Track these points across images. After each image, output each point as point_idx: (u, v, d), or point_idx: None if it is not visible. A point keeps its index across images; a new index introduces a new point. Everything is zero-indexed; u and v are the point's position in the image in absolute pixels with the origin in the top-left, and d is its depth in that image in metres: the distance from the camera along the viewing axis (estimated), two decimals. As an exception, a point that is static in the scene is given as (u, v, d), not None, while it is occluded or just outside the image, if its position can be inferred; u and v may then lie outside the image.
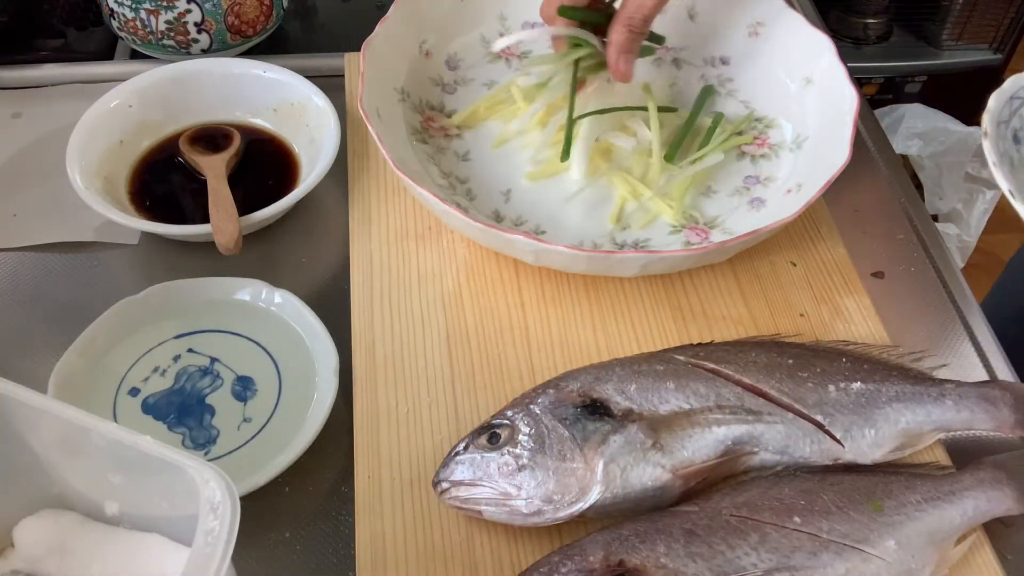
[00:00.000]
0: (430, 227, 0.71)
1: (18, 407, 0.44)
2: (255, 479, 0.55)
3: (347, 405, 0.61)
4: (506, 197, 0.72)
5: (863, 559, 0.50)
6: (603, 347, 0.64)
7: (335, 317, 0.64)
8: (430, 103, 0.77)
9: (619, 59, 0.68)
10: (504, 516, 0.53)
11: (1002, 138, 0.67)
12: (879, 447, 0.56)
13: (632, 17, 0.67)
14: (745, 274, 0.69)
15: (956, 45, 1.64)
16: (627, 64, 0.69)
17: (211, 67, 0.79)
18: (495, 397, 0.60)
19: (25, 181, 0.77)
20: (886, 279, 0.71)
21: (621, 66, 0.69)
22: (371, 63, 0.71)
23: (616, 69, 0.69)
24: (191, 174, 0.75)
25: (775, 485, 0.53)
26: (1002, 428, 0.57)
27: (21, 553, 0.48)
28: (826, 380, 0.57)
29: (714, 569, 0.48)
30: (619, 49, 0.68)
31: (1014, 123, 0.68)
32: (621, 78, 0.70)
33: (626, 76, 0.69)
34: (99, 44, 0.91)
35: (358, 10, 1.01)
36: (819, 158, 0.70)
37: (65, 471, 0.48)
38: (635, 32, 0.68)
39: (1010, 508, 0.54)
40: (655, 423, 0.54)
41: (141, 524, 0.48)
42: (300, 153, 0.77)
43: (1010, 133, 0.67)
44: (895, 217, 0.76)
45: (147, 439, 0.42)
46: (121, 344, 0.63)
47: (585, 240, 0.69)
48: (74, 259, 0.72)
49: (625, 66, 0.69)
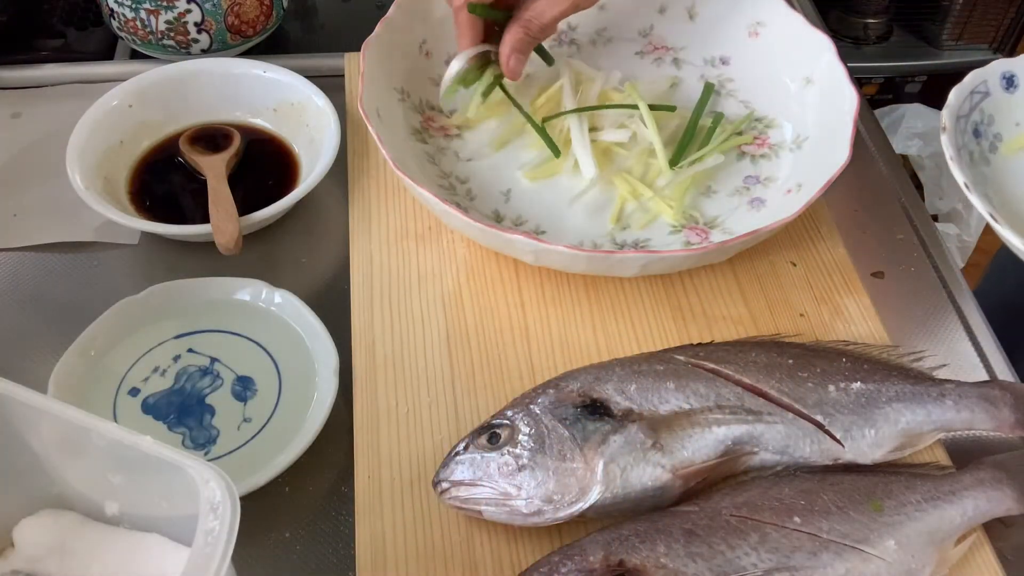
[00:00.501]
0: (430, 227, 0.71)
1: (18, 407, 0.44)
2: (255, 479, 0.55)
3: (347, 405, 0.61)
4: (506, 197, 0.72)
5: (863, 559, 0.50)
6: (603, 347, 0.64)
7: (335, 317, 0.64)
8: (430, 103, 0.77)
9: (511, 57, 0.70)
10: (504, 516, 0.53)
11: (961, 132, 0.68)
12: (879, 447, 0.56)
13: (531, 20, 0.70)
14: (745, 274, 0.69)
15: (956, 45, 1.64)
16: (517, 63, 0.71)
17: (211, 67, 0.79)
18: (495, 397, 0.60)
19: (25, 181, 0.77)
20: (886, 279, 0.71)
21: (511, 64, 0.71)
22: (371, 63, 0.71)
23: (507, 67, 0.71)
24: (191, 174, 0.75)
25: (775, 485, 0.53)
26: (1002, 428, 0.57)
27: (21, 553, 0.48)
28: (826, 380, 0.57)
29: (714, 569, 0.48)
30: (512, 48, 0.70)
31: (974, 117, 0.69)
32: (511, 76, 0.72)
33: (515, 74, 0.71)
34: (99, 44, 0.91)
35: (358, 10, 1.01)
36: (819, 158, 0.70)
37: (65, 471, 0.48)
38: (530, 35, 0.70)
39: (1010, 508, 0.54)
40: (655, 423, 0.54)
41: (141, 524, 0.48)
42: (300, 153, 0.77)
43: (970, 127, 0.68)
44: (895, 217, 0.76)
45: (147, 439, 0.42)
46: (121, 344, 0.63)
47: (585, 240, 0.69)
48: (74, 259, 0.72)
49: (515, 65, 0.71)
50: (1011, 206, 0.69)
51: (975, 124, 0.69)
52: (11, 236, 0.72)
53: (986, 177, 0.69)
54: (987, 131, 0.70)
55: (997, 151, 0.71)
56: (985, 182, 0.69)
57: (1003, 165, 0.71)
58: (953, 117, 0.68)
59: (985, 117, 0.70)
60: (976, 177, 0.67)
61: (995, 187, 0.69)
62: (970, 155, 0.67)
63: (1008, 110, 0.72)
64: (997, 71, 0.72)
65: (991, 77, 0.72)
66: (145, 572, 0.46)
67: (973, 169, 0.68)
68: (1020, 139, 0.72)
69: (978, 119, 0.70)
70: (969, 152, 0.68)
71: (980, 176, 0.68)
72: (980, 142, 0.69)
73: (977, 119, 0.70)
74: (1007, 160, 0.71)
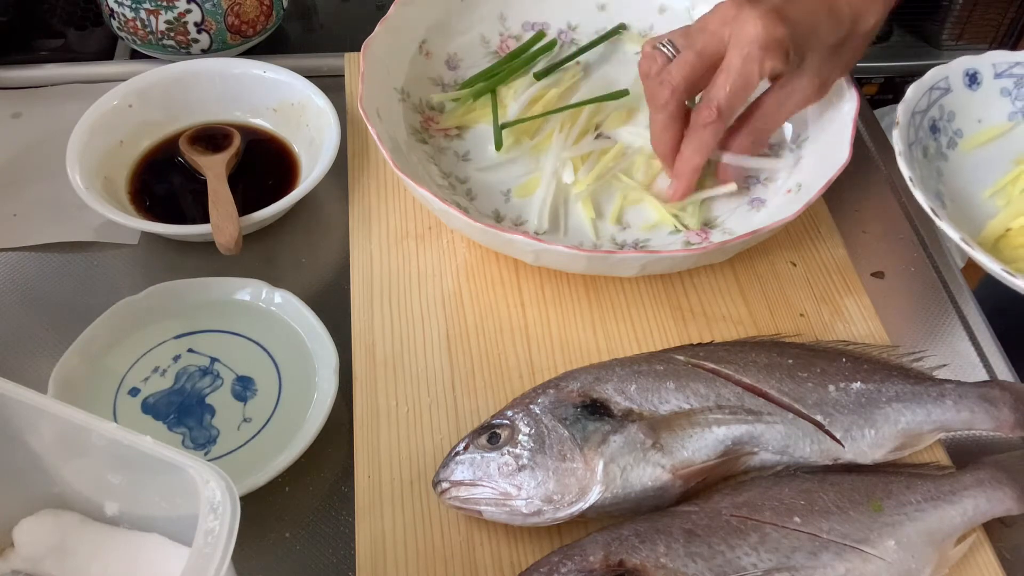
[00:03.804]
0: (430, 227, 0.71)
1: (18, 407, 0.44)
2: (255, 479, 0.55)
3: (347, 405, 0.61)
4: (506, 197, 0.72)
5: (863, 559, 0.50)
6: (603, 347, 0.64)
7: (335, 317, 0.64)
8: (430, 103, 0.77)
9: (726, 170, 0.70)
10: (504, 516, 0.53)
11: (916, 127, 0.69)
12: (879, 447, 0.56)
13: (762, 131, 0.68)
14: (745, 274, 0.69)
15: (956, 45, 1.64)
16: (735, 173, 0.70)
17: (211, 67, 0.79)
18: (495, 397, 0.60)
19: (25, 181, 0.77)
20: (886, 279, 0.71)
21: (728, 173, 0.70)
22: (371, 63, 0.71)
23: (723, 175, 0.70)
24: (191, 174, 0.75)
25: (775, 485, 0.53)
26: (1002, 428, 0.57)
27: (21, 553, 0.48)
28: (826, 380, 0.57)
29: (714, 569, 0.48)
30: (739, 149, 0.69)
31: (932, 112, 0.69)
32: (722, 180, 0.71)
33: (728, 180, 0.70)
34: (99, 44, 0.91)
35: (358, 10, 1.01)
36: (819, 158, 0.70)
37: (65, 471, 0.48)
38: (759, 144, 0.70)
39: (1010, 508, 0.54)
40: (655, 423, 0.54)
41: (141, 524, 0.48)
42: (300, 153, 0.77)
43: (927, 123, 0.69)
44: (895, 217, 0.76)
45: (147, 439, 0.42)
46: (121, 344, 0.63)
47: (585, 240, 0.69)
48: (74, 259, 0.72)
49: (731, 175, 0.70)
50: (964, 201, 0.70)
51: (932, 120, 0.70)
52: (11, 236, 0.72)
53: (941, 172, 0.70)
54: (947, 127, 0.71)
55: (956, 147, 0.72)
56: (939, 177, 0.70)
57: (961, 161, 0.72)
58: (908, 112, 0.69)
59: (945, 113, 0.71)
60: (929, 172, 0.68)
61: (949, 182, 0.70)
62: (923, 150, 0.68)
63: (970, 107, 0.73)
64: (959, 68, 0.73)
65: (953, 74, 0.72)
66: (145, 572, 0.46)
67: (927, 164, 0.69)
68: (981, 135, 0.73)
69: (936, 115, 0.70)
70: (923, 147, 0.68)
71: (934, 171, 0.69)
72: (938, 137, 0.70)
73: (936, 115, 0.70)
74: (965, 156, 0.72)
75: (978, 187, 0.71)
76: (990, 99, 0.73)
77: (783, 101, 0.66)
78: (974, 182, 0.71)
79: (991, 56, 0.73)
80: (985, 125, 0.73)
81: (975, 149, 0.72)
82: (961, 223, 0.64)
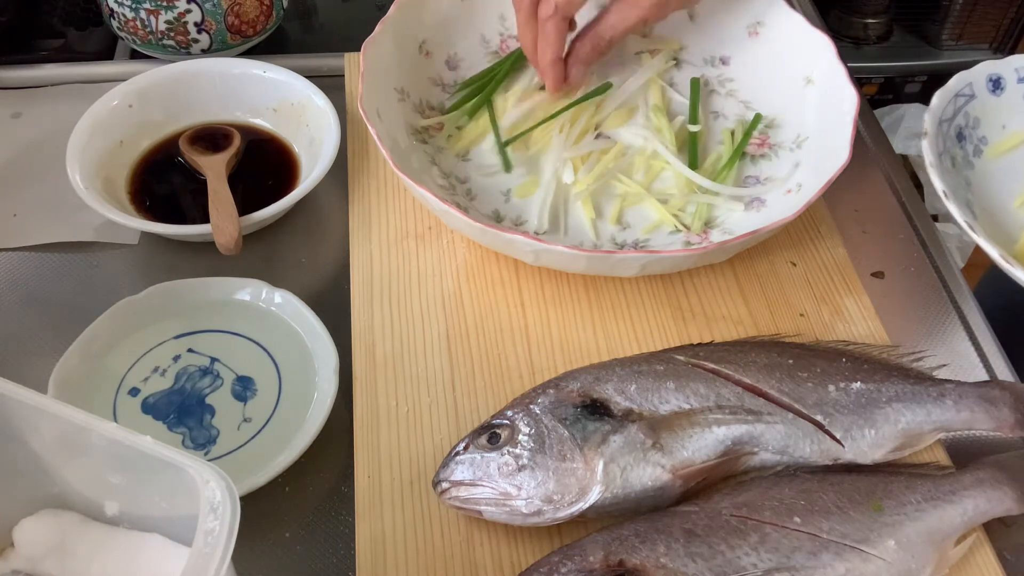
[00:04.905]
0: (430, 227, 0.71)
1: (18, 407, 0.44)
2: (255, 479, 0.55)
3: (347, 405, 0.61)
4: (506, 197, 0.72)
5: (863, 559, 0.50)
6: (603, 347, 0.64)
7: (335, 317, 0.64)
8: (430, 103, 0.77)
9: (574, 67, 0.72)
10: (504, 516, 0.53)
11: (944, 136, 0.68)
12: (879, 447, 0.56)
13: (601, 36, 0.71)
14: (745, 274, 0.69)
15: (956, 45, 1.64)
16: (580, 74, 0.73)
17: (211, 67, 0.79)
18: (495, 397, 0.60)
19: (25, 181, 0.77)
20: (886, 279, 0.71)
21: (574, 73, 0.72)
22: (371, 63, 0.71)
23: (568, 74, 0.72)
24: (191, 174, 0.75)
25: (775, 485, 0.53)
26: (1002, 428, 0.57)
27: (21, 553, 0.48)
28: (826, 380, 0.57)
29: (714, 569, 0.48)
30: (578, 60, 0.72)
31: (958, 120, 0.68)
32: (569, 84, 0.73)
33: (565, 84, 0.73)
34: (99, 44, 0.91)
35: (358, 10, 1.01)
36: (819, 158, 0.70)
37: (65, 471, 0.48)
38: (598, 50, 0.72)
39: (1010, 508, 0.54)
40: (655, 423, 0.54)
41: (141, 524, 0.48)
42: (300, 153, 0.77)
43: (953, 131, 0.68)
44: (895, 217, 0.76)
45: (147, 439, 0.42)
46: (121, 344, 0.63)
47: (585, 240, 0.69)
48: (74, 259, 0.72)
49: (577, 76, 0.73)
50: (993, 210, 0.69)
51: (959, 128, 0.68)
52: (11, 236, 0.72)
53: (969, 181, 0.69)
54: (972, 135, 0.70)
55: (982, 155, 0.70)
56: (967, 187, 0.68)
57: (987, 169, 0.70)
58: (936, 121, 0.67)
59: (970, 120, 0.70)
60: (958, 182, 0.67)
61: (978, 192, 0.69)
62: (952, 160, 0.67)
63: (995, 113, 0.71)
64: (983, 73, 0.71)
65: (977, 79, 0.71)
66: (145, 572, 0.46)
67: (956, 174, 0.67)
68: (1006, 142, 0.71)
69: (962, 123, 0.69)
70: (951, 157, 0.67)
71: (963, 181, 0.68)
72: (964, 146, 0.68)
73: (961, 123, 0.69)
74: (991, 164, 0.71)
75: (1007, 196, 0.69)
76: (1014, 104, 0.72)
77: (625, 13, 0.70)
78: (1002, 191, 0.69)
79: (1014, 60, 0.71)
80: (1009, 131, 0.71)
81: (1000, 156, 0.71)
82: (993, 234, 0.62)
